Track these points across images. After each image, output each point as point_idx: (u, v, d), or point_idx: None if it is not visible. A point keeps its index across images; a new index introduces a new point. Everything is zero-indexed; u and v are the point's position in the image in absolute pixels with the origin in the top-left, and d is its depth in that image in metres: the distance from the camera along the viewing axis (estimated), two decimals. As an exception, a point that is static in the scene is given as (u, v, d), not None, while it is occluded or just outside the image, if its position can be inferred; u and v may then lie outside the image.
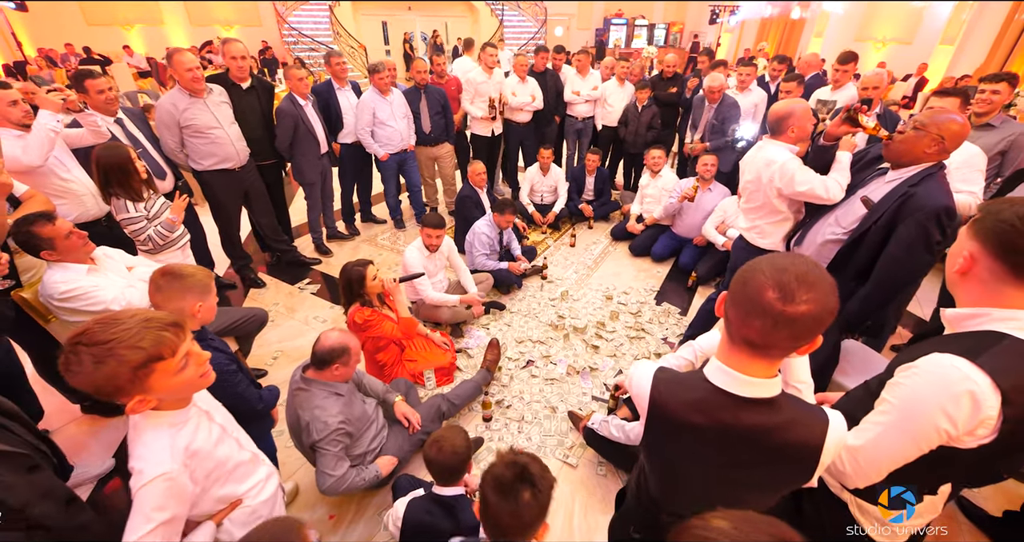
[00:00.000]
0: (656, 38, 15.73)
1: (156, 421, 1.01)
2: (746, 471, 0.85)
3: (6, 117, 2.21)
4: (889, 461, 0.92)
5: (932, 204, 1.61)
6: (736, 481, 0.88)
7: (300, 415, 1.70)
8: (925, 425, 0.85)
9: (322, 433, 1.68)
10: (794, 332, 0.72)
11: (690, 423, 0.83)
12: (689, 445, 0.86)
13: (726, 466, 0.85)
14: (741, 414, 0.80)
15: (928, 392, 0.85)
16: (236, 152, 3.16)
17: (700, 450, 0.85)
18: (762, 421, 0.80)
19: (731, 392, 0.80)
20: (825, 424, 0.80)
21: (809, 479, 0.83)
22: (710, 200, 3.87)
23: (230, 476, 1.12)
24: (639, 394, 0.91)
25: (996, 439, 0.82)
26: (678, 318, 3.36)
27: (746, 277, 0.76)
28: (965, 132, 1.61)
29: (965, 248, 0.89)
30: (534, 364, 2.88)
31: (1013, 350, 0.82)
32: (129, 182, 2.32)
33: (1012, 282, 0.84)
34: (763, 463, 0.83)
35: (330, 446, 1.68)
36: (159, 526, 0.94)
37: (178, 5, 13.61)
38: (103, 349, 0.87)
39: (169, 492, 0.96)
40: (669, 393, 0.86)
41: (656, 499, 1.06)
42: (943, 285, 2.54)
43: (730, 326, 0.79)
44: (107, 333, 0.89)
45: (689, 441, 0.85)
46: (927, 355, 0.87)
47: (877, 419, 0.93)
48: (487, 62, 4.39)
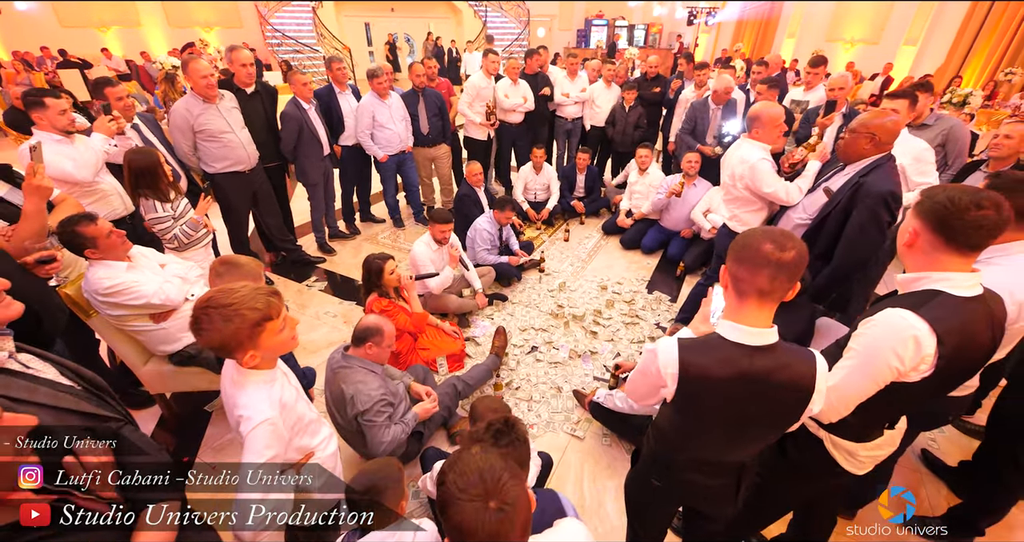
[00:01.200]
0: (636, 39, 16.08)
1: (255, 378, 1.19)
2: (756, 411, 1.06)
3: (53, 124, 2.32)
4: (856, 396, 1.14)
5: (879, 190, 1.92)
6: (748, 422, 1.09)
7: (344, 389, 1.87)
8: (881, 364, 1.08)
9: (367, 404, 1.86)
10: (789, 274, 0.96)
11: (715, 376, 1.03)
12: (715, 397, 1.05)
13: (742, 409, 1.06)
14: (754, 360, 1.01)
15: (883, 338, 1.08)
16: (247, 155, 3.29)
17: (723, 399, 1.05)
18: (769, 364, 1.01)
19: (744, 343, 1.01)
20: (813, 361, 1.03)
21: (804, 410, 1.05)
22: (695, 194, 4.12)
23: (306, 430, 1.31)
24: (667, 363, 1.08)
25: (933, 373, 1.06)
26: (669, 305, 3.60)
27: (745, 241, 1.00)
28: (892, 126, 1.94)
29: (911, 225, 1.13)
30: (538, 349, 3.08)
31: (946, 303, 1.06)
32: (158, 184, 2.45)
33: (946, 251, 1.07)
34: (770, 401, 1.04)
35: (376, 417, 1.86)
36: (266, 465, 1.11)
37: (156, 7, 13.32)
38: (230, 310, 1.07)
39: (272, 434, 1.15)
40: (696, 356, 1.05)
41: (675, 448, 1.25)
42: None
43: (740, 284, 1.01)
44: (230, 298, 1.09)
45: (715, 393, 1.05)
46: (883, 310, 1.10)
47: (845, 363, 1.16)
48: (488, 68, 4.56)
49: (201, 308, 1.09)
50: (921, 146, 2.47)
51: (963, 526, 1.91)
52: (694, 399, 1.07)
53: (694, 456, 1.23)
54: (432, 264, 3.17)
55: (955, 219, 1.03)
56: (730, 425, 1.10)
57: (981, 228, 1.00)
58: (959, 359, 1.05)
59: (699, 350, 1.05)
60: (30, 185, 1.84)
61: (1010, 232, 1.34)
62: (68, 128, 2.38)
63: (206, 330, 1.09)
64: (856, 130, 2.02)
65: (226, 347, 1.12)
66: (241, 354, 1.14)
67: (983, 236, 1.02)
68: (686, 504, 1.45)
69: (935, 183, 2.44)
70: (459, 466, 0.79)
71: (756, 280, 0.98)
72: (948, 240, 1.06)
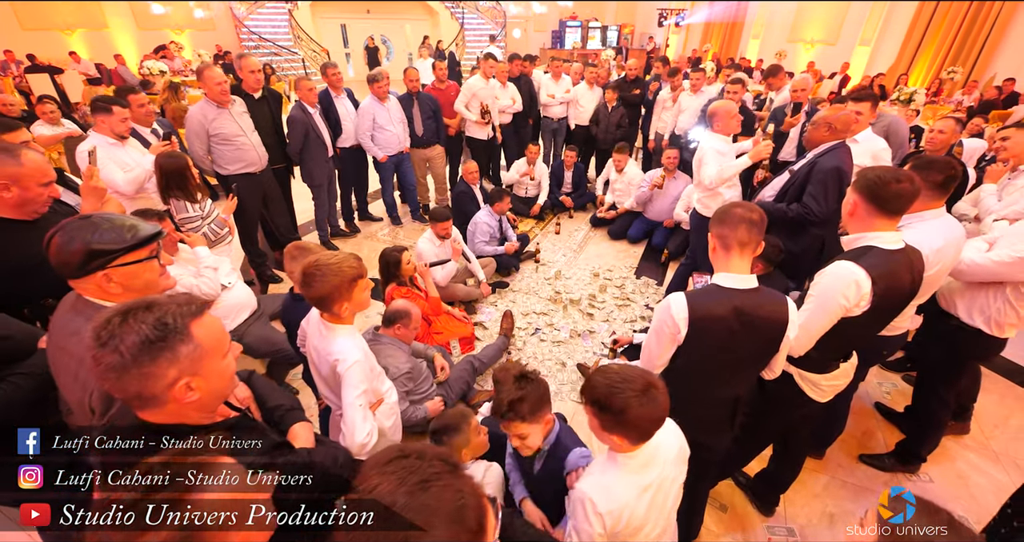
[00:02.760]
0: (609, 39, 16.56)
1: (342, 330, 1.48)
2: (748, 340, 1.37)
3: (112, 128, 2.49)
4: (817, 330, 1.47)
5: (828, 166, 2.39)
6: (742, 353, 1.40)
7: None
8: (833, 303, 1.41)
9: (394, 376, 2.11)
10: (758, 229, 1.31)
11: (716, 314, 1.33)
12: (716, 331, 1.35)
13: (737, 341, 1.36)
14: (744, 299, 1.33)
15: (833, 283, 1.42)
16: (259, 157, 3.47)
17: (723, 332, 1.35)
18: (754, 302, 1.33)
19: (734, 287, 1.34)
20: (785, 300, 1.36)
21: (782, 338, 1.37)
22: (675, 187, 4.48)
23: (378, 378, 1.57)
24: (679, 309, 1.37)
25: (871, 308, 1.41)
26: (656, 288, 3.95)
27: (724, 210, 1.35)
28: (844, 117, 2.43)
29: (851, 198, 1.47)
30: (541, 331, 3.37)
31: (878, 254, 1.41)
32: (187, 186, 2.63)
33: (877, 216, 1.42)
34: (758, 330, 1.36)
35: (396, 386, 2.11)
36: (362, 393, 1.42)
37: (123, 8, 12.97)
38: (335, 267, 1.36)
39: (363, 372, 1.43)
40: (700, 300, 1.36)
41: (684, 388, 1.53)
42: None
43: (725, 239, 1.34)
44: (333, 259, 1.39)
45: (716, 328, 1.35)
46: (832, 263, 1.44)
47: (807, 306, 1.48)
48: (486, 71, 4.84)
49: (312, 267, 1.37)
50: (880, 146, 2.84)
51: (909, 456, 2.30)
52: (701, 336, 1.37)
53: (699, 393, 1.53)
54: (437, 259, 3.42)
55: (881, 191, 1.37)
56: (728, 357, 1.41)
57: (900, 197, 1.35)
58: (888, 297, 1.40)
59: (702, 296, 1.36)
60: (88, 187, 2.02)
61: (924, 202, 1.71)
62: (124, 133, 2.56)
63: (316, 284, 1.36)
64: (817, 122, 2.50)
65: (328, 298, 1.40)
66: (338, 306, 1.42)
67: (903, 203, 1.37)
68: (691, 437, 1.74)
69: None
70: (604, 372, 1.15)
71: (737, 234, 1.32)
72: (878, 207, 1.40)
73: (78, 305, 1.11)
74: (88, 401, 1.04)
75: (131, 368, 0.79)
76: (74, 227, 1.06)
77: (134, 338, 0.79)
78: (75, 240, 1.05)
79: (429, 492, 0.60)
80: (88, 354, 0.80)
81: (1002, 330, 1.95)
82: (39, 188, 1.61)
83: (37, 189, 1.61)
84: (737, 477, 2.24)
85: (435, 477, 0.62)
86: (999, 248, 1.89)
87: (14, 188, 1.56)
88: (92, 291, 1.11)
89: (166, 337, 0.81)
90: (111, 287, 1.10)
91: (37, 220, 1.65)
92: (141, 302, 0.83)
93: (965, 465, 2.39)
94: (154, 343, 0.80)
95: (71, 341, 1.07)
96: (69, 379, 1.09)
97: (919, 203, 1.59)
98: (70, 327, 1.09)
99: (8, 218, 1.59)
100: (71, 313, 1.11)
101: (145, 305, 0.82)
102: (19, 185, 1.56)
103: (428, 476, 0.62)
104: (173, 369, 0.82)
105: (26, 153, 1.60)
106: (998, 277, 1.87)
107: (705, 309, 1.35)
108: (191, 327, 0.84)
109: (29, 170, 1.58)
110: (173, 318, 0.82)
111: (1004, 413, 2.71)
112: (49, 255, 1.07)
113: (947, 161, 1.75)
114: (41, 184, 1.62)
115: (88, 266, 1.06)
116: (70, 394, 1.11)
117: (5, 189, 1.55)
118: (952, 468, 2.38)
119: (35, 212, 1.64)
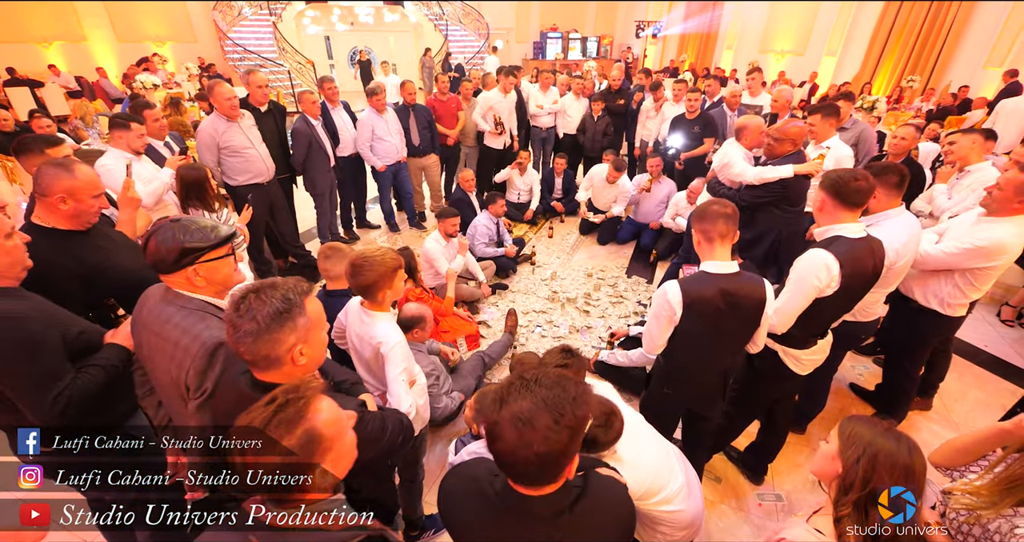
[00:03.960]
0: (589, 50, 17.04)
1: (382, 316, 1.65)
2: (733, 317, 1.59)
3: (129, 144, 2.61)
4: (794, 311, 1.71)
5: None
6: (729, 327, 1.62)
7: None
8: (808, 285, 1.65)
9: None
10: (733, 221, 1.55)
11: (706, 296, 1.55)
12: (707, 311, 1.57)
13: (724, 318, 1.57)
14: (727, 282, 1.55)
15: (807, 267, 1.66)
16: (266, 168, 3.62)
17: (712, 310, 1.57)
18: (736, 283, 1.56)
19: (719, 273, 1.56)
20: (763, 281, 1.59)
21: (762, 314, 1.59)
22: (660, 191, 4.77)
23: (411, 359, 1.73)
24: (675, 294, 1.59)
25: (840, 288, 1.65)
26: (646, 286, 4.19)
27: (702, 208, 1.59)
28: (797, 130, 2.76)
29: (819, 196, 1.72)
30: (541, 328, 3.57)
31: (844, 242, 1.66)
32: (205, 196, 2.77)
33: (841, 209, 1.68)
34: (741, 308, 1.58)
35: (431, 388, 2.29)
36: (403, 370, 1.60)
37: (102, 20, 12.82)
38: (379, 258, 1.55)
39: (404, 352, 1.60)
40: (692, 285, 1.58)
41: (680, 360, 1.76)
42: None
43: (707, 233, 1.56)
44: (377, 252, 1.58)
45: (706, 307, 1.57)
46: (806, 251, 1.68)
47: (787, 289, 1.72)
48: (506, 86, 5.15)
49: (359, 259, 1.57)
50: (844, 154, 3.10)
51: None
52: (694, 315, 1.59)
53: (694, 367, 1.75)
54: (444, 258, 3.60)
55: (843, 187, 1.64)
56: (717, 333, 1.63)
57: (859, 191, 1.62)
58: (855, 277, 1.65)
59: (693, 282, 1.59)
60: (124, 197, 2.15)
61: (885, 202, 1.98)
62: (139, 149, 2.68)
63: (363, 274, 1.55)
64: (775, 136, 2.78)
65: (374, 286, 1.58)
66: (381, 293, 1.60)
67: (862, 197, 1.63)
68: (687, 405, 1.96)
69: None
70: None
71: (716, 227, 1.55)
72: (841, 202, 1.67)
73: (168, 296, 1.27)
74: (184, 379, 1.20)
75: (264, 334, 0.98)
76: (168, 229, 1.22)
77: (267, 309, 0.98)
78: (171, 239, 1.20)
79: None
80: (227, 321, 1.00)
81: (953, 310, 2.23)
82: (91, 200, 1.72)
83: (90, 201, 1.72)
84: (729, 452, 2.47)
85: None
86: (946, 240, 2.17)
87: (70, 201, 1.66)
88: (181, 284, 1.26)
89: (290, 309, 1.01)
90: (198, 280, 1.26)
91: (89, 230, 1.77)
92: (267, 282, 1.03)
93: (929, 435, 2.66)
94: (282, 314, 0.99)
95: (166, 327, 1.23)
96: (165, 360, 1.23)
97: (882, 203, 1.88)
98: (164, 315, 1.25)
99: (64, 229, 1.71)
100: (163, 304, 1.27)
101: (271, 284, 1.02)
102: (74, 198, 1.67)
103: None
104: (292, 336, 1.02)
105: (79, 167, 1.72)
106: (947, 265, 2.14)
107: (696, 292, 1.57)
108: (305, 303, 1.03)
109: (83, 183, 1.69)
110: (293, 294, 1.02)
111: (963, 388, 3.02)
112: (147, 254, 1.22)
113: (897, 165, 2.03)
114: (93, 196, 1.73)
115: (181, 261, 1.22)
116: (163, 375, 1.26)
117: (62, 202, 1.65)
118: (918, 437, 2.55)
119: (87, 222, 1.75)
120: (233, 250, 1.32)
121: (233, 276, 1.33)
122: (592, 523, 0.94)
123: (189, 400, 1.21)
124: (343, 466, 0.88)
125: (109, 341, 1.51)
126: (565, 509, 0.91)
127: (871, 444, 1.00)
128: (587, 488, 0.97)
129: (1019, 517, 1.03)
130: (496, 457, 0.86)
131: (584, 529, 0.92)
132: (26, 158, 2.13)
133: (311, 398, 0.85)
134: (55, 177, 1.64)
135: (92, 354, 1.47)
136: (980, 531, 1.07)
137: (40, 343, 1.30)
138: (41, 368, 1.29)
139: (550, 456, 0.81)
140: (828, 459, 1.06)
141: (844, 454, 1.02)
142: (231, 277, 1.32)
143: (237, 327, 0.98)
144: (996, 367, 3.26)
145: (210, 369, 1.20)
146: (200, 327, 1.23)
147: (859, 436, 1.02)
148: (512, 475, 0.89)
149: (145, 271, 1.87)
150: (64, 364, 1.35)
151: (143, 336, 1.30)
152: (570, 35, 16.87)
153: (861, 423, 1.06)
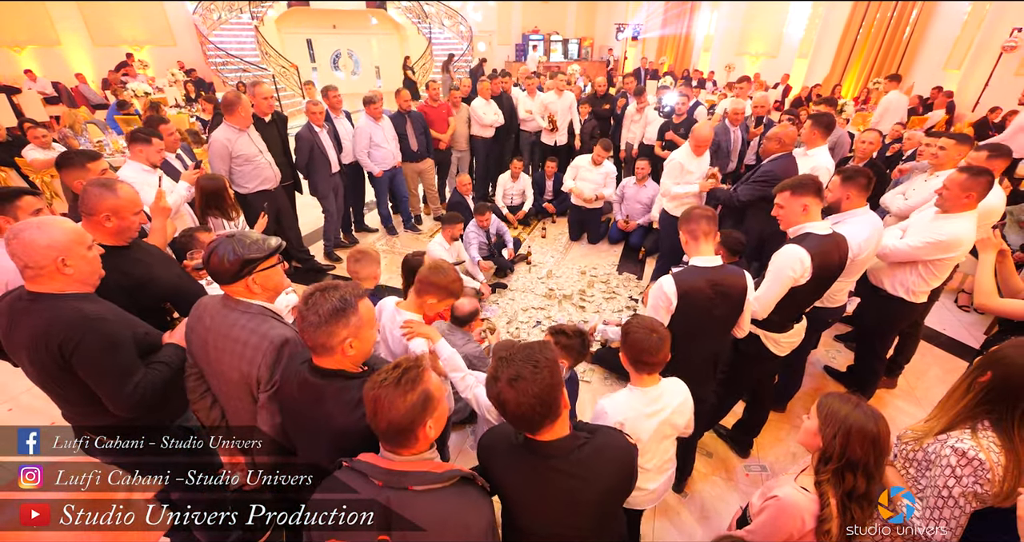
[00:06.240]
0: (571, 52, 17.34)
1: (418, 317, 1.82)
2: (721, 304, 1.82)
3: (148, 158, 2.73)
4: (774, 297, 1.96)
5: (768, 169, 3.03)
6: (718, 314, 1.85)
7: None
8: (784, 276, 1.90)
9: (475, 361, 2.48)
10: (713, 221, 1.80)
11: (697, 287, 1.78)
12: (698, 300, 1.79)
13: (713, 305, 1.81)
14: (714, 274, 1.79)
15: (784, 260, 1.91)
16: (273, 174, 3.76)
17: (703, 300, 1.79)
18: (721, 275, 1.80)
19: (706, 266, 1.80)
20: (743, 273, 1.84)
21: (745, 301, 1.84)
22: (644, 194, 5.03)
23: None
24: (669, 286, 1.80)
25: (812, 277, 1.90)
26: (637, 282, 4.45)
27: (687, 212, 1.84)
28: (788, 134, 3.06)
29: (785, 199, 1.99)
30: (541, 323, 3.78)
31: (814, 238, 1.92)
32: (223, 205, 2.91)
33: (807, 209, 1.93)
34: (727, 297, 1.81)
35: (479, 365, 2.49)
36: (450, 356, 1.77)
37: (77, 24, 12.54)
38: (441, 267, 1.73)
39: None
40: (684, 278, 1.81)
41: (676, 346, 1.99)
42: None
43: (694, 232, 1.81)
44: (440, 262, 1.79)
45: (698, 297, 1.79)
46: (783, 247, 1.93)
47: (766, 280, 1.97)
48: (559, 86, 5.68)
49: (434, 265, 1.79)
50: (824, 165, 3.23)
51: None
52: (687, 304, 1.81)
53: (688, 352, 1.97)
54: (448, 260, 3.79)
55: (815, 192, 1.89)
56: (707, 320, 1.86)
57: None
58: (824, 268, 1.92)
59: (685, 275, 1.82)
60: (157, 207, 2.29)
61: (853, 203, 2.25)
62: (157, 163, 2.80)
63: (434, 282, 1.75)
64: (768, 138, 3.09)
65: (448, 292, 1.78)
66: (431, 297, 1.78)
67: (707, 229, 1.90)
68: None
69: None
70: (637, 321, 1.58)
71: (700, 226, 1.80)
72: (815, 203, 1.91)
73: (229, 303, 1.44)
74: (256, 373, 1.37)
75: (323, 326, 1.17)
76: (226, 244, 1.36)
77: (328, 306, 1.17)
78: (232, 253, 1.36)
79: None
80: (296, 312, 1.21)
81: (917, 297, 2.52)
82: (133, 217, 1.83)
83: (131, 218, 1.82)
84: (718, 429, 2.72)
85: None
86: (910, 235, 2.45)
87: (114, 218, 1.77)
88: (241, 292, 1.43)
89: (346, 308, 1.19)
90: (255, 288, 1.42)
91: (130, 244, 1.88)
92: (329, 284, 1.22)
93: (894, 410, 2.97)
94: (339, 311, 1.18)
95: (234, 330, 1.40)
96: (235, 359, 1.40)
97: (853, 202, 2.16)
98: (229, 320, 1.41)
99: (109, 245, 1.77)
100: (226, 310, 1.43)
101: (332, 286, 1.21)
102: (118, 215, 1.77)
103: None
104: (345, 331, 1.20)
105: (121, 186, 1.82)
106: (912, 258, 2.43)
107: (688, 284, 1.81)
108: (359, 304, 1.22)
109: (125, 202, 1.79)
110: (350, 296, 1.21)
111: (924, 367, 3.35)
112: (209, 267, 1.38)
113: (865, 170, 2.30)
114: (134, 213, 1.84)
115: (241, 272, 1.39)
116: (232, 371, 1.42)
117: (107, 220, 1.76)
118: (885, 413, 2.89)
119: (129, 237, 1.86)
120: (281, 259, 1.49)
121: (283, 282, 1.51)
122: (596, 462, 1.17)
123: (260, 392, 1.39)
124: (439, 427, 1.09)
125: (168, 341, 1.68)
126: (574, 450, 1.14)
127: (845, 420, 1.23)
128: (594, 437, 1.21)
129: (950, 438, 1.28)
130: (510, 420, 1.12)
131: (590, 466, 1.16)
132: (68, 172, 2.24)
133: (425, 368, 1.07)
134: (100, 197, 1.74)
135: (154, 353, 1.63)
136: (922, 455, 1.32)
137: (120, 341, 1.46)
138: (121, 362, 1.45)
139: (543, 393, 1.06)
140: (810, 434, 1.30)
141: (823, 431, 1.25)
142: (281, 283, 1.50)
143: (304, 317, 1.18)
144: (953, 348, 3.60)
145: (278, 362, 1.38)
146: (266, 327, 1.40)
147: (835, 413, 1.25)
148: (527, 428, 1.12)
149: (180, 281, 2.04)
150: (137, 360, 1.51)
151: (208, 340, 1.45)
152: (551, 37, 17.15)
153: (837, 400, 1.29)
